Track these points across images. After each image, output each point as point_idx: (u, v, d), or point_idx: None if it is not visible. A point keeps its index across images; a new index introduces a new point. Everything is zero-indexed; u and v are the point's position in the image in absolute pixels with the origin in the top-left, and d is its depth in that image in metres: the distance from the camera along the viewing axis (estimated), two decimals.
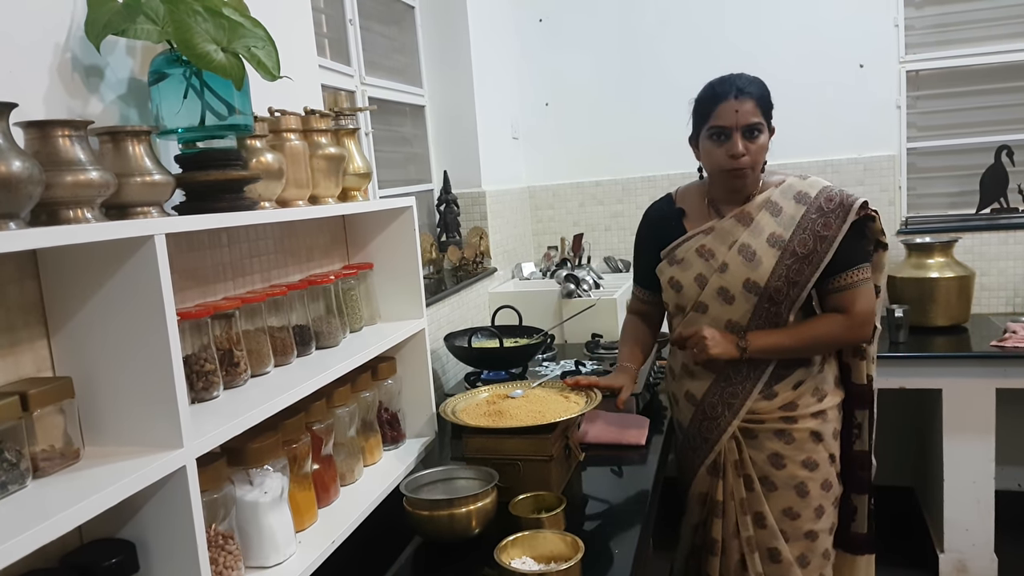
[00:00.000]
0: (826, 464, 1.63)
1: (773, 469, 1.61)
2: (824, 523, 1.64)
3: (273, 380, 1.23)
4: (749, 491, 1.63)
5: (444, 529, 1.35)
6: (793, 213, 1.56)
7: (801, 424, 1.60)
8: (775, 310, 1.57)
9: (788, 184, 1.59)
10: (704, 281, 1.61)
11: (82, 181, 0.87)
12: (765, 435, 1.61)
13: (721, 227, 1.61)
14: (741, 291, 1.57)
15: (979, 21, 2.94)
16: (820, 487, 1.62)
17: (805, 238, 1.53)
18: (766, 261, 1.55)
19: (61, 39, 1.01)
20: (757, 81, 1.57)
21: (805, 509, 1.61)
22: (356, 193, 1.58)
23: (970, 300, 2.74)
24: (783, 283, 1.54)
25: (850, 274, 1.55)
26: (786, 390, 1.60)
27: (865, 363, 1.66)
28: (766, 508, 1.62)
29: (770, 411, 1.60)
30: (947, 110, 3.03)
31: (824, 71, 3.00)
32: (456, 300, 2.49)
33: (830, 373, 1.64)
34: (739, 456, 1.63)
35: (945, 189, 3.08)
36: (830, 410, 1.63)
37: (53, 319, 0.95)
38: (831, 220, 1.52)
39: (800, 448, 1.60)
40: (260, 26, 1.11)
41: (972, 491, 2.52)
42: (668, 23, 3.18)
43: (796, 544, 1.63)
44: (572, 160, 3.37)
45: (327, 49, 2.22)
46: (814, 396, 1.61)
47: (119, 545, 0.93)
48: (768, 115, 1.56)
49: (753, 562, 1.63)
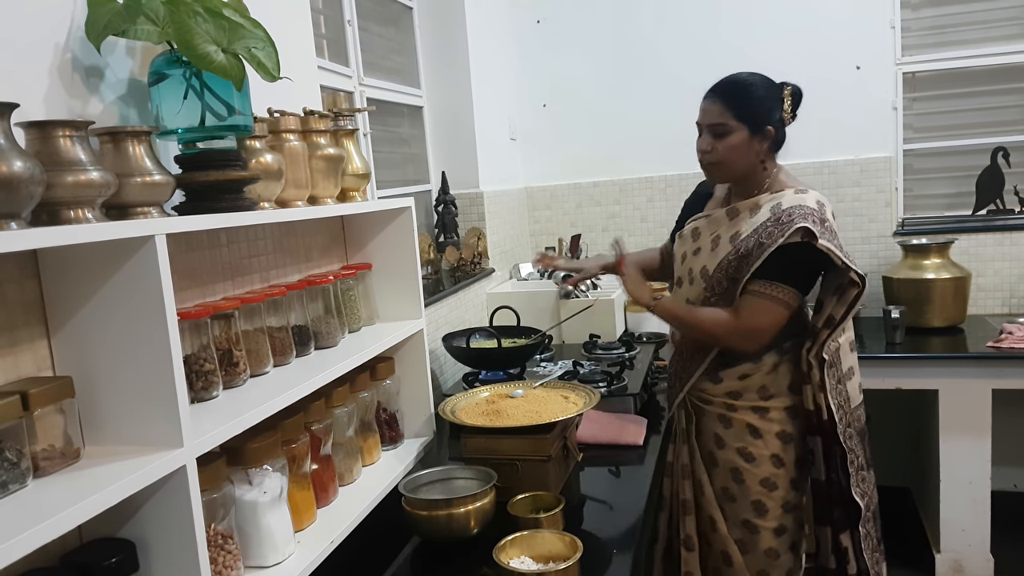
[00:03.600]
0: (767, 463, 1.63)
1: (716, 448, 1.69)
2: (767, 522, 1.64)
3: (272, 380, 1.23)
4: (691, 459, 1.72)
5: (442, 529, 1.35)
6: (759, 218, 1.58)
7: (740, 415, 1.65)
8: (714, 301, 1.62)
9: (781, 194, 1.60)
10: (685, 258, 1.74)
11: (83, 181, 0.88)
12: (710, 416, 1.70)
13: (715, 216, 1.69)
14: (698, 275, 1.67)
15: (976, 23, 2.95)
16: (759, 483, 1.64)
17: (751, 241, 1.56)
18: (720, 254, 1.62)
19: (61, 40, 1.01)
20: (738, 83, 1.60)
21: (741, 497, 1.66)
22: (355, 193, 1.59)
23: (966, 301, 2.75)
24: (723, 276, 1.60)
25: (764, 285, 1.54)
26: (732, 378, 1.65)
27: (811, 388, 1.58)
28: (705, 479, 1.70)
29: (716, 394, 1.68)
30: (944, 111, 3.05)
31: (821, 72, 3.00)
32: (454, 300, 2.49)
33: (784, 377, 1.63)
34: (686, 426, 1.73)
35: (941, 190, 3.09)
36: (775, 410, 1.64)
37: (53, 319, 0.95)
38: (775, 231, 1.53)
39: (737, 436, 1.66)
40: (260, 27, 1.11)
41: (968, 491, 2.53)
42: (665, 24, 3.18)
43: (735, 527, 1.68)
44: (569, 161, 3.38)
45: (325, 50, 2.22)
46: (758, 393, 1.64)
47: (119, 544, 0.93)
48: (743, 117, 1.57)
49: (684, 523, 1.71)
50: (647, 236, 3.26)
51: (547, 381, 1.79)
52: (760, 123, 1.58)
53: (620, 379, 2.03)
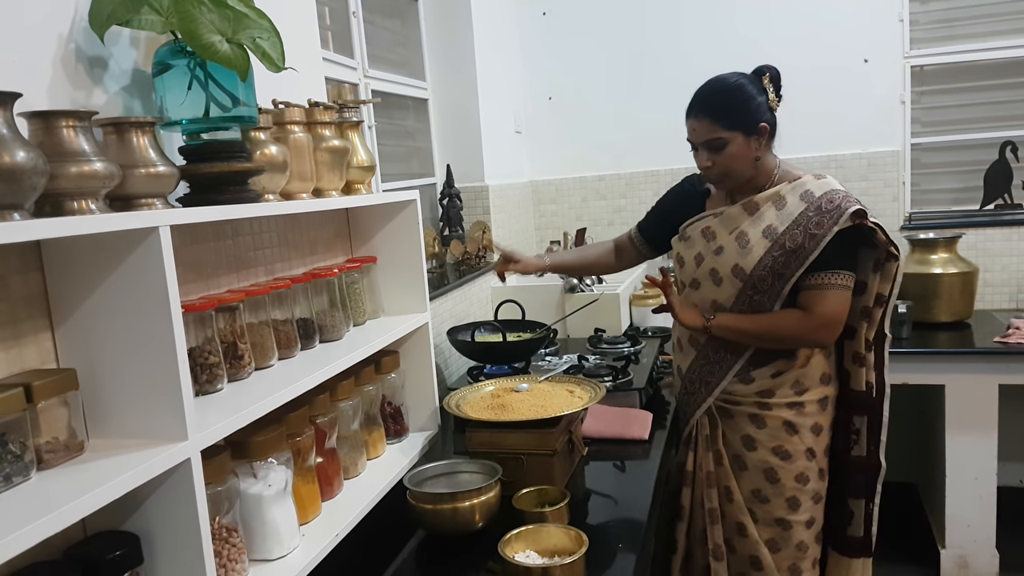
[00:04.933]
0: (802, 457, 1.63)
1: (745, 450, 1.66)
2: (800, 516, 1.65)
3: (277, 373, 1.23)
4: (718, 466, 1.69)
5: (447, 523, 1.35)
6: (793, 209, 1.57)
7: (775, 412, 1.63)
8: (759, 299, 1.59)
9: (801, 181, 1.60)
10: (701, 260, 1.67)
11: (86, 172, 0.87)
12: (740, 417, 1.66)
13: (728, 213, 1.65)
14: (729, 275, 1.61)
15: (984, 16, 2.93)
16: (794, 479, 1.63)
17: (796, 233, 1.54)
18: (756, 250, 1.58)
19: (65, 29, 1.00)
20: (718, 93, 1.58)
21: (775, 496, 1.64)
22: (360, 186, 1.58)
23: (973, 296, 2.74)
24: (767, 273, 1.57)
25: (825, 276, 1.54)
26: (764, 377, 1.63)
27: (865, 370, 1.65)
28: (734, 484, 1.67)
29: (746, 395, 1.65)
30: (952, 105, 3.02)
31: (828, 65, 2.99)
32: (459, 294, 2.48)
33: (817, 369, 1.64)
34: (711, 432, 1.69)
35: (949, 185, 3.07)
36: (809, 404, 1.63)
37: (57, 311, 0.94)
38: (824, 220, 1.52)
39: (771, 435, 1.63)
40: (265, 17, 1.10)
41: (974, 487, 2.52)
42: (671, 16, 3.16)
43: (766, 527, 1.66)
44: (575, 154, 3.36)
45: (330, 42, 2.21)
46: (793, 388, 1.63)
47: (123, 537, 0.93)
48: (734, 125, 1.55)
49: (713, 532, 1.68)
50: None
51: (552, 375, 1.78)
52: (752, 124, 1.56)
53: (625, 373, 2.02)
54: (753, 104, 1.57)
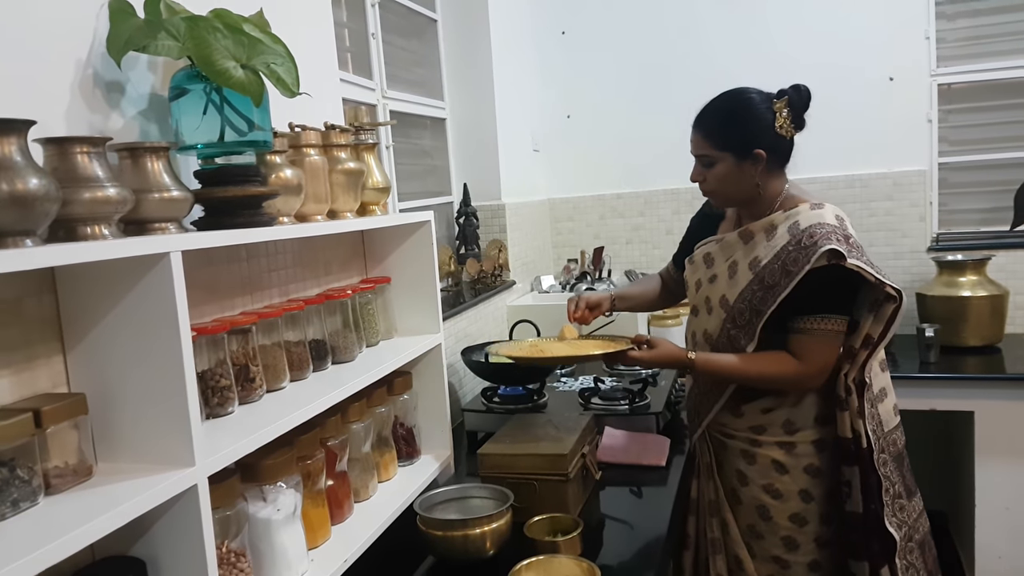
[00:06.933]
0: (795, 498, 1.53)
1: (739, 485, 1.60)
2: (799, 557, 1.55)
3: (288, 395, 1.23)
4: (717, 496, 1.63)
5: (458, 550, 1.33)
6: (778, 241, 1.47)
7: (764, 450, 1.55)
8: (735, 333, 1.52)
9: (795, 211, 1.51)
10: (700, 286, 1.65)
11: (99, 198, 0.88)
12: (734, 451, 1.61)
13: (728, 240, 1.61)
14: (717, 305, 1.58)
15: (1013, 34, 2.87)
16: (788, 519, 1.54)
17: (775, 268, 1.45)
18: (740, 281, 1.52)
19: (83, 55, 1.02)
20: (718, 109, 1.54)
21: (770, 534, 1.56)
22: (375, 207, 1.58)
23: (1004, 319, 2.66)
24: (746, 307, 1.50)
25: (812, 320, 1.44)
26: (754, 412, 1.56)
27: (848, 415, 1.48)
28: (730, 516, 1.61)
29: (739, 428, 1.59)
30: (980, 124, 2.96)
31: (854, 84, 2.95)
32: (474, 313, 2.47)
33: (811, 409, 1.53)
34: (710, 460, 1.65)
35: (978, 205, 3.00)
36: (802, 444, 1.54)
37: (69, 334, 0.95)
38: (800, 257, 1.41)
39: (762, 473, 1.56)
40: (280, 42, 1.11)
41: (1005, 518, 2.44)
42: (690, 34, 3.15)
43: (764, 563, 1.58)
44: (593, 172, 3.35)
45: (349, 63, 2.23)
46: (783, 427, 1.54)
47: (130, 563, 0.92)
48: (725, 146, 1.50)
49: (715, 563, 1.62)
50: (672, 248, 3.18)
51: (593, 332, 1.80)
52: (746, 148, 1.48)
53: (642, 397, 1.99)
54: (752, 127, 1.49)
